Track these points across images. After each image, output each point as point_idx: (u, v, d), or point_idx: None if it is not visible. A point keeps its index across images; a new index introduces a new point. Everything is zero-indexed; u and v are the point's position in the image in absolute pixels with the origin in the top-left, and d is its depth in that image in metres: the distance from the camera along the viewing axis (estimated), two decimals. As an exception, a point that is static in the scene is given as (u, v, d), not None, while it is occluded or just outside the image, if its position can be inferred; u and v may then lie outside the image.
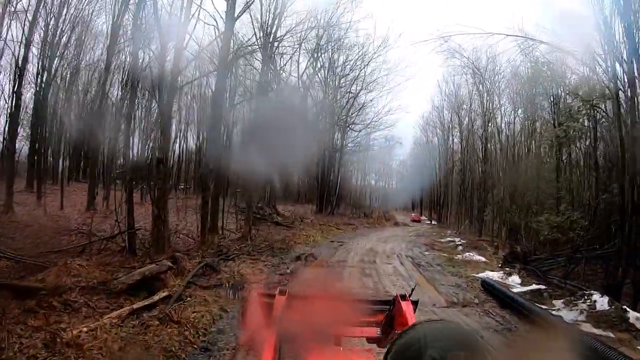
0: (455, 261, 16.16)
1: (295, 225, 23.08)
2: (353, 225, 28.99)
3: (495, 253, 20.37)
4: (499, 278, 14.22)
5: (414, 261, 15.69)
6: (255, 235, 18.61)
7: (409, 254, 17.67)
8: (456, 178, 38.97)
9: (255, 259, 13.10)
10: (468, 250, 20.71)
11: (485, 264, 16.53)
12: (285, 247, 15.89)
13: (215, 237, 15.36)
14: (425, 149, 44.04)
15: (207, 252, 13.62)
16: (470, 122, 33.22)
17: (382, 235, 25.06)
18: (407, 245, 20.90)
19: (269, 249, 14.93)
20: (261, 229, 20.60)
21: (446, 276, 13.34)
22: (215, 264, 11.71)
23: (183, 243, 15.70)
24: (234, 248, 14.86)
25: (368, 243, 20.26)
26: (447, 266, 15.23)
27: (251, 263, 12.45)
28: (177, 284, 8.98)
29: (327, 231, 23.54)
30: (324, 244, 18.75)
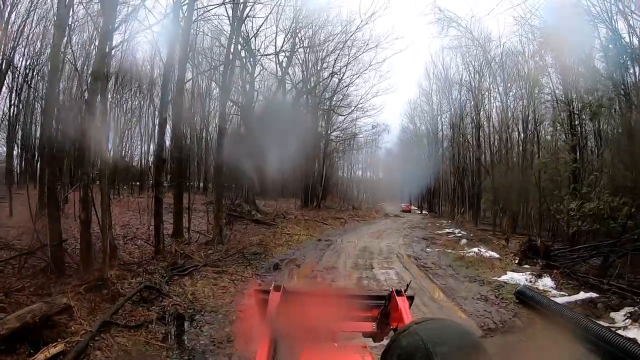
0: (467, 260, 13.24)
1: (277, 222, 19.96)
2: (341, 219, 25.97)
3: (506, 246, 17.63)
4: (526, 281, 11.35)
5: (419, 262, 12.73)
6: (228, 237, 15.47)
7: (409, 252, 14.72)
8: (446, 166, 36.61)
9: (220, 271, 9.96)
10: (474, 243, 17.92)
11: (500, 262, 13.66)
12: (263, 252, 12.77)
13: (173, 244, 12.16)
14: (413, 136, 41.48)
15: (160, 265, 10.46)
16: (460, 105, 30.61)
17: (374, 230, 22.11)
18: (405, 241, 17.98)
19: (241, 256, 11.79)
20: (237, 229, 17.44)
21: (464, 283, 10.40)
22: (162, 283, 8.55)
23: (138, 253, 12.53)
24: (197, 256, 11.70)
25: (360, 240, 17.27)
26: (459, 267, 12.31)
27: (214, 278, 9.31)
28: (83, 328, 5.77)
29: (313, 228, 20.48)
30: (309, 244, 15.67)
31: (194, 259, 11.28)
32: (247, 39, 21.32)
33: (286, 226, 19.20)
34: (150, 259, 11.74)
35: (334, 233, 19.65)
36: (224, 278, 9.42)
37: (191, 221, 15.09)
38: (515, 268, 12.96)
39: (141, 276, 9.40)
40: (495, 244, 18.72)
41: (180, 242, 13.67)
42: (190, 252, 12.29)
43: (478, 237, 19.67)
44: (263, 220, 19.81)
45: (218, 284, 8.94)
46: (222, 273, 9.81)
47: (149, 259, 11.69)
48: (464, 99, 29.99)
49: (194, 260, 11.15)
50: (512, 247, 17.86)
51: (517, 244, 18.83)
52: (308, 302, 2.07)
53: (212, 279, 9.30)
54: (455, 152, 32.37)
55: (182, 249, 12.45)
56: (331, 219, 24.90)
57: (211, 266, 10.31)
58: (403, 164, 41.11)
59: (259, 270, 10.38)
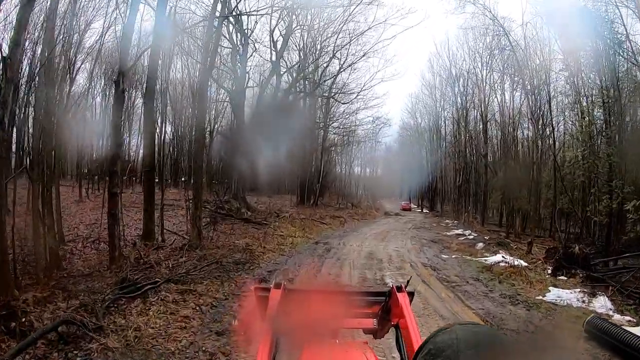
0: (496, 272, 10.65)
1: (270, 221, 17.34)
2: (340, 217, 23.36)
3: (529, 252, 15.11)
4: (577, 300, 8.84)
5: (439, 275, 10.16)
6: (210, 239, 12.88)
7: (422, 259, 12.16)
8: (449, 162, 34.22)
9: (186, 289, 7.33)
10: (492, 248, 15.38)
11: (535, 273, 11.13)
12: (248, 260, 10.16)
13: (134, 250, 9.52)
14: (414, 132, 39.02)
15: (109, 280, 7.86)
16: (465, 98, 28.12)
17: (377, 230, 19.53)
18: (414, 244, 15.43)
19: (219, 266, 9.17)
20: (222, 229, 14.83)
21: (506, 306, 7.80)
22: (99, 312, 5.93)
23: (96, 259, 9.93)
24: (164, 266, 9.10)
25: (364, 243, 14.69)
26: (490, 282, 9.74)
27: (175, 302, 6.68)
28: None
29: (309, 228, 17.88)
30: (305, 247, 13.07)
31: (159, 271, 8.67)
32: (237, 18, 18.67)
33: (279, 226, 16.59)
34: (105, 269, 9.18)
35: (333, 234, 17.06)
36: (189, 302, 6.80)
37: (164, 221, 12.50)
38: (556, 282, 10.44)
39: (77, 298, 6.80)
40: (514, 248, 16.26)
41: (149, 247, 11.07)
42: (156, 260, 9.67)
43: (494, 240, 17.10)
44: (254, 219, 17.19)
45: (178, 313, 6.31)
46: (188, 293, 7.18)
47: (103, 269, 9.12)
48: (469, 91, 27.55)
49: (157, 272, 8.54)
50: (536, 252, 15.45)
51: (538, 248, 16.47)
52: (309, 299, 1.97)
53: (173, 302, 6.67)
54: (461, 148, 29.97)
55: (147, 256, 9.84)
56: (329, 217, 22.29)
57: (176, 282, 7.68)
58: (403, 161, 38.78)
59: (237, 289, 7.74)
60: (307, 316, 1.84)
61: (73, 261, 10.41)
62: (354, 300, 2.06)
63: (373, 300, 2.08)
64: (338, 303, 1.95)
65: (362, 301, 2.09)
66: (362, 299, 2.10)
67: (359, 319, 2.05)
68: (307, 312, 1.86)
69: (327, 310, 1.87)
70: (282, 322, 1.78)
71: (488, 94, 25.62)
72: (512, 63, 20.10)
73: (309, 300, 1.96)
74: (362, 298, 2.11)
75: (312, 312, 1.85)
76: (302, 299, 1.96)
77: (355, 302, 2.06)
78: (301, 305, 1.90)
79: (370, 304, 2.07)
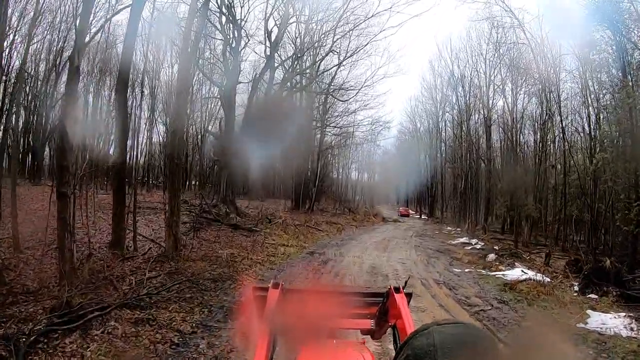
0: (521, 290, 9.05)
1: (261, 228, 15.70)
2: (337, 224, 21.75)
3: (547, 264, 13.56)
4: (624, 327, 7.25)
5: (456, 295, 8.53)
6: (191, 248, 11.23)
7: (433, 274, 10.56)
8: (449, 168, 32.81)
9: (144, 318, 5.68)
10: (505, 260, 13.81)
11: (562, 292, 9.56)
12: (230, 275, 8.51)
13: (89, 262, 7.85)
14: (412, 137, 37.65)
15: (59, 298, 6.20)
16: (467, 101, 26.74)
17: (377, 239, 17.93)
18: (419, 256, 13.83)
19: (192, 284, 7.51)
20: (207, 236, 13.20)
21: (543, 338, 6.26)
22: (19, 351, 4.29)
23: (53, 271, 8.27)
24: (127, 283, 7.46)
25: (364, 254, 13.08)
26: (516, 304, 8.14)
27: (124, 337, 5.03)
28: None
29: (304, 235, 16.25)
30: (298, 259, 11.43)
31: (117, 290, 7.02)
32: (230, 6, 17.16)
33: (271, 233, 14.96)
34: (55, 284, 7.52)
35: (330, 243, 15.43)
36: (143, 337, 5.14)
37: (142, 227, 10.88)
38: (589, 302, 8.86)
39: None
40: (527, 259, 14.73)
41: (117, 257, 9.43)
42: (120, 275, 8.03)
43: (505, 250, 15.53)
44: (243, 225, 15.53)
45: (125, 354, 4.67)
46: (145, 323, 5.53)
47: (54, 285, 7.47)
48: (473, 92, 26.16)
49: (116, 291, 6.89)
50: (552, 264, 13.91)
51: (552, 259, 14.97)
52: (306, 299, 1.95)
53: (121, 338, 5.03)
54: (464, 152, 28.54)
55: (110, 270, 8.19)
56: (326, 224, 20.68)
57: (133, 307, 6.03)
58: (401, 166, 37.38)
59: (211, 315, 6.09)
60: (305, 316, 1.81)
61: (26, 273, 8.78)
62: (352, 301, 2.03)
63: (371, 301, 2.04)
64: (336, 303, 1.93)
65: (360, 302, 2.05)
66: (359, 299, 2.06)
67: (357, 319, 2.02)
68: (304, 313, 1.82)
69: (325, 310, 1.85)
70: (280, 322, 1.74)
71: (492, 95, 24.27)
72: (522, 60, 18.71)
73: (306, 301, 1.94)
74: (360, 299, 2.06)
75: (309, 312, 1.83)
76: (300, 299, 1.93)
77: (353, 302, 2.03)
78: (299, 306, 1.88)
79: (368, 304, 2.03)
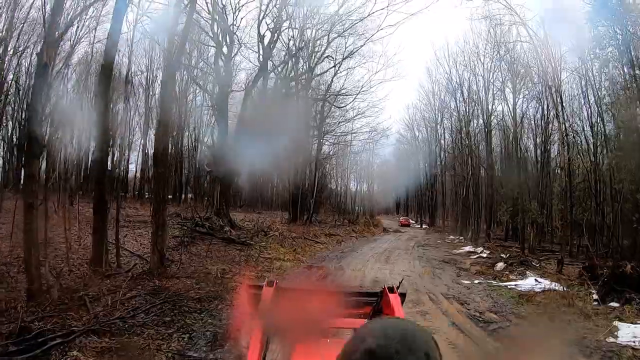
0: (538, 302, 8.21)
1: (256, 241, 14.85)
2: (337, 236, 20.89)
3: (560, 272, 12.73)
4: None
5: (468, 310, 7.70)
6: (180, 264, 10.40)
7: (440, 287, 9.73)
8: (449, 175, 32.09)
9: (113, 347, 4.85)
10: (515, 268, 12.99)
11: (582, 301, 8.73)
12: (218, 294, 7.66)
13: (59, 280, 7.00)
14: (411, 145, 36.98)
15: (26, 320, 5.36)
16: (467, 107, 26.14)
17: (379, 250, 17.10)
18: (424, 267, 13.00)
19: (174, 305, 6.67)
20: (198, 251, 12.37)
21: (574, 359, 5.41)
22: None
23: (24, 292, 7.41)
24: (103, 304, 6.61)
25: (366, 267, 12.26)
26: (536, 318, 7.33)
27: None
28: None
29: (302, 248, 15.39)
30: (294, 274, 10.60)
31: (90, 312, 6.18)
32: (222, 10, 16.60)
33: (266, 247, 14.11)
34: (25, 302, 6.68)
35: (329, 255, 14.58)
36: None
37: (121, 242, 10.04)
38: (613, 312, 8.04)
39: None
40: (537, 267, 13.90)
41: (98, 274, 8.60)
42: (96, 295, 7.19)
43: (514, 258, 14.71)
44: (237, 238, 14.68)
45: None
46: (113, 354, 4.70)
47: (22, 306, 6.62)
48: (473, 97, 25.57)
49: (87, 313, 6.05)
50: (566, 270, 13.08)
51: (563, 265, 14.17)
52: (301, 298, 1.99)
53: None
54: (464, 158, 27.85)
55: (85, 289, 7.35)
56: (325, 236, 19.81)
57: (103, 332, 5.20)
58: (400, 175, 36.68)
59: (192, 341, 5.25)
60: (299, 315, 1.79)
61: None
62: (346, 300, 2.02)
63: (365, 301, 2.05)
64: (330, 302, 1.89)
65: (354, 301, 2.06)
66: (354, 299, 2.07)
67: (351, 318, 1.99)
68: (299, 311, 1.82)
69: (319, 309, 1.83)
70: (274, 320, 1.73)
71: (491, 100, 23.69)
72: (524, 59, 18.13)
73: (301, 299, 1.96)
74: (354, 298, 2.08)
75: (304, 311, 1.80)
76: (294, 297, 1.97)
77: (347, 302, 2.02)
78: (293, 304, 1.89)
79: (362, 304, 2.04)
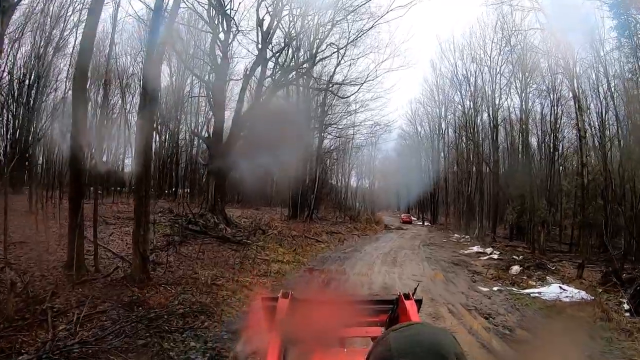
0: (573, 317, 7.20)
1: (253, 240, 13.82)
2: (339, 233, 19.89)
3: (580, 277, 11.72)
4: None
5: (495, 325, 6.68)
6: (168, 267, 9.37)
7: (457, 295, 8.71)
8: (453, 173, 31.13)
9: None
10: (532, 272, 11.99)
11: (616, 313, 7.70)
12: (205, 308, 6.61)
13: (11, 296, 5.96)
14: (414, 141, 35.90)
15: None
16: (474, 101, 25.09)
17: (384, 250, 16.08)
18: (434, 270, 12.00)
19: (151, 324, 5.63)
20: (189, 251, 11.33)
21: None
22: None
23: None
24: (67, 321, 5.58)
25: (371, 270, 11.24)
26: (572, 333, 6.29)
27: None
28: None
29: (302, 247, 14.36)
30: (295, 279, 9.56)
31: (47, 332, 5.15)
32: None
33: (264, 247, 13.07)
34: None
35: (331, 256, 13.56)
36: None
37: (103, 242, 8.99)
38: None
39: None
40: (552, 269, 12.93)
41: (71, 280, 7.57)
42: (65, 306, 6.15)
43: (530, 261, 13.70)
44: (233, 237, 13.65)
45: None
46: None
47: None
48: (478, 92, 24.53)
49: (47, 332, 5.02)
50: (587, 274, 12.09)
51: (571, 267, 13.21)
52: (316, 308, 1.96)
53: None
54: (471, 155, 26.81)
55: (55, 298, 6.32)
56: (326, 234, 18.80)
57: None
58: (402, 171, 35.69)
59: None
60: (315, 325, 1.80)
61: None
62: (362, 309, 2.00)
63: (381, 309, 2.01)
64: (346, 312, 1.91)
65: (370, 309, 2.02)
66: (370, 307, 2.03)
67: (367, 327, 1.98)
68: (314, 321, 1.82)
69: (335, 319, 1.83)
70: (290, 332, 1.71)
71: (498, 93, 22.66)
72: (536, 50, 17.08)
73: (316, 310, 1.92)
74: (370, 306, 2.04)
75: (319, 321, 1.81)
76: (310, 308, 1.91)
77: (363, 310, 2.00)
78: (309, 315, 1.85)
79: (377, 312, 2.00)
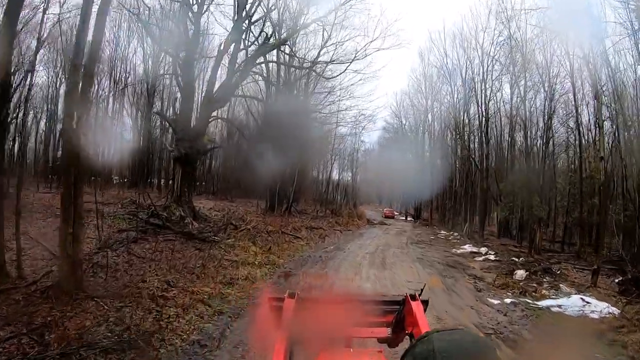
0: (616, 342, 5.73)
1: (222, 237, 11.98)
2: (320, 229, 18.20)
3: (595, 285, 10.38)
4: None
5: (519, 355, 5.15)
6: (111, 272, 7.48)
7: (464, 309, 7.16)
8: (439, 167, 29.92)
9: None
10: (541, 279, 10.59)
11: None
12: (141, 334, 4.81)
13: None
14: (398, 134, 34.54)
15: None
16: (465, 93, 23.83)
17: (368, 248, 14.48)
18: (430, 273, 10.47)
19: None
20: (143, 251, 9.41)
21: None
22: None
23: None
24: None
25: (358, 275, 9.61)
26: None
27: None
28: None
29: (278, 245, 12.57)
30: (265, 289, 7.81)
31: None
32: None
33: (234, 245, 11.24)
34: None
35: (311, 256, 11.85)
36: None
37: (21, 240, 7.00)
38: None
39: None
40: (558, 273, 11.63)
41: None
42: None
43: (535, 264, 12.34)
44: (199, 233, 11.79)
45: None
46: None
47: None
48: (468, 84, 23.30)
49: None
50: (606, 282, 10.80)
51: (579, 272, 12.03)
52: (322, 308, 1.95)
53: None
54: (458, 149, 25.62)
55: None
56: (306, 229, 17.07)
57: None
58: (385, 165, 34.31)
59: None
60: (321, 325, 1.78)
61: None
62: (368, 309, 1.99)
63: (387, 309, 1.99)
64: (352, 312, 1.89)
65: (376, 310, 2.00)
66: (376, 307, 2.01)
67: (373, 327, 1.97)
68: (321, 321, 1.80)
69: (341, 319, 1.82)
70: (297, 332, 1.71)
71: (490, 86, 21.43)
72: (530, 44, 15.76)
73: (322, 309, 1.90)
74: (377, 307, 2.02)
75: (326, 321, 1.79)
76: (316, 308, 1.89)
77: (369, 310, 1.99)
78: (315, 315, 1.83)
79: (384, 312, 1.99)
